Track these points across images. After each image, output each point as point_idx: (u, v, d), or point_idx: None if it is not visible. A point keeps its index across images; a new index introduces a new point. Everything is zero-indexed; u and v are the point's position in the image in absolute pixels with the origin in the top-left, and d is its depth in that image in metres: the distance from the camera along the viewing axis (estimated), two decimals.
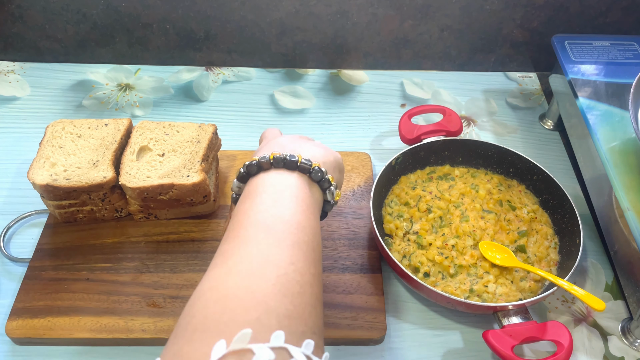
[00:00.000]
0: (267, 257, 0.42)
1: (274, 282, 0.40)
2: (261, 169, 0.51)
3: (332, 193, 0.54)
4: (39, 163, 0.71)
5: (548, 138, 0.91)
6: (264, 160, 0.51)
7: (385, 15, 0.93)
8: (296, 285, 0.41)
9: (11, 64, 0.98)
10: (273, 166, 0.51)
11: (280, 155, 0.51)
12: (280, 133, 0.63)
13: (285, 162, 0.51)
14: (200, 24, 0.94)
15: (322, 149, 0.57)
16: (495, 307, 0.63)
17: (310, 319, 0.40)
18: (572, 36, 0.86)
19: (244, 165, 0.52)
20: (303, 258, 0.43)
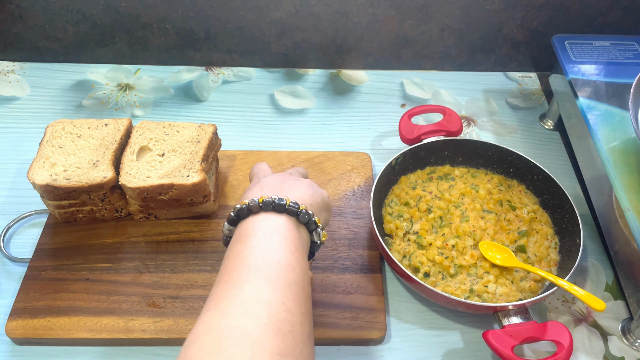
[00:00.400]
0: (259, 298, 0.44)
1: (267, 321, 0.42)
2: (251, 212, 0.52)
3: (319, 234, 0.55)
4: (39, 163, 0.71)
5: (548, 138, 0.91)
6: (254, 204, 0.52)
7: (385, 15, 0.93)
8: (287, 325, 0.43)
9: (11, 64, 0.98)
10: (262, 209, 0.52)
11: (269, 199, 0.52)
12: (269, 169, 0.64)
13: (274, 205, 0.52)
14: (200, 24, 0.94)
15: (310, 189, 0.58)
16: (495, 307, 0.63)
17: (302, 356, 0.42)
18: (572, 36, 0.86)
19: (235, 209, 0.53)
20: (293, 298, 0.45)
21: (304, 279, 0.48)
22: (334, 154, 0.84)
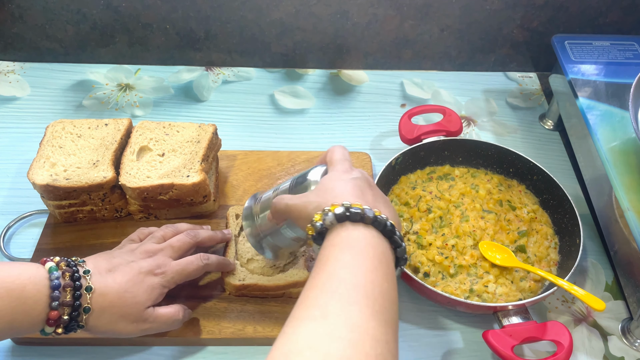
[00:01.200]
0: (367, 330, 0.41)
1: (372, 359, 0.40)
2: (363, 220, 0.49)
3: (405, 257, 0.52)
4: (39, 163, 0.71)
5: (548, 138, 0.91)
6: (370, 215, 0.49)
7: (385, 15, 0.93)
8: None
9: (11, 64, 0.98)
10: (373, 225, 0.49)
11: (382, 219, 0.49)
12: (347, 154, 0.60)
13: (385, 228, 0.49)
14: (200, 24, 0.94)
15: (391, 205, 0.56)
16: (495, 307, 0.63)
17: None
18: (572, 36, 0.86)
19: (346, 208, 0.49)
20: (393, 338, 0.44)
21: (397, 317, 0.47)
22: None
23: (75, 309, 0.52)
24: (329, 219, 0.48)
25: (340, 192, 0.52)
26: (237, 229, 0.71)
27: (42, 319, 0.51)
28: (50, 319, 0.51)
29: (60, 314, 0.51)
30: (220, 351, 0.65)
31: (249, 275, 0.66)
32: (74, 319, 0.52)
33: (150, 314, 0.58)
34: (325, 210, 0.49)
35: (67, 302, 0.51)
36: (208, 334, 0.64)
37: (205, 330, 0.64)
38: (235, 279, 0.65)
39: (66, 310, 0.51)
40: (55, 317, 0.51)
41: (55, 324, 0.51)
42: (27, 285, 0.50)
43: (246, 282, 0.65)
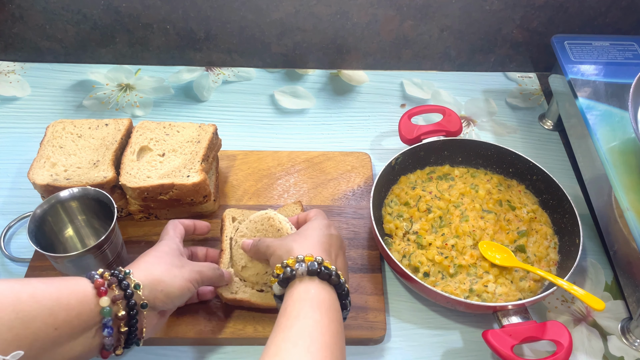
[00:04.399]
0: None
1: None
2: (329, 280, 0.55)
3: (348, 303, 0.58)
4: (39, 163, 0.71)
5: (548, 138, 0.91)
6: (335, 278, 0.55)
7: (385, 16, 0.93)
8: None
9: (11, 64, 0.98)
10: (335, 287, 0.55)
11: (342, 282, 0.56)
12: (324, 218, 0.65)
13: (343, 291, 0.56)
14: (201, 24, 0.94)
15: (341, 245, 0.63)
16: (495, 307, 0.63)
17: None
18: (571, 36, 0.86)
19: (286, 268, 0.55)
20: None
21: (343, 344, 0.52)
22: (334, 154, 0.84)
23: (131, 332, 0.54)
24: (302, 270, 0.54)
25: (314, 242, 0.58)
26: (234, 232, 0.71)
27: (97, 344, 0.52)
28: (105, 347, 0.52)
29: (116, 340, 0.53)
30: (220, 351, 0.65)
31: (242, 288, 0.66)
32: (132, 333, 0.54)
33: (188, 262, 0.60)
34: (299, 259, 0.55)
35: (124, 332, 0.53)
36: (208, 334, 0.64)
37: (205, 330, 0.64)
38: (227, 292, 0.65)
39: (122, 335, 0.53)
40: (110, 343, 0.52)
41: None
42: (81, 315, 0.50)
43: (238, 296, 0.65)
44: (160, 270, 0.56)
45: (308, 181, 0.81)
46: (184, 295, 0.57)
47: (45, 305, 0.47)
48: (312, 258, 0.55)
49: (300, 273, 0.54)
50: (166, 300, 0.55)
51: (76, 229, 0.68)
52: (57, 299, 0.48)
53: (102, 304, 0.50)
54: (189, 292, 0.57)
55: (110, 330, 0.51)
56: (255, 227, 0.66)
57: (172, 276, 0.56)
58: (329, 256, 0.58)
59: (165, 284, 0.55)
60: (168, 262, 0.58)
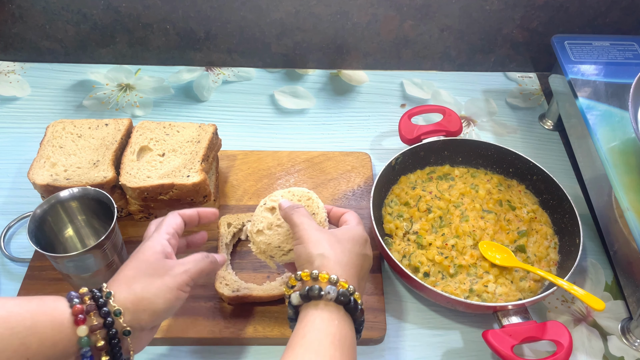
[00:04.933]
0: None
1: None
2: (355, 313, 0.51)
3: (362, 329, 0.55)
4: (39, 163, 0.71)
5: (548, 138, 0.91)
6: (358, 313, 0.52)
7: (385, 16, 0.93)
8: None
9: (11, 64, 0.98)
10: (355, 320, 0.52)
11: (363, 319, 0.53)
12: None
13: (362, 325, 0.53)
14: (201, 24, 0.94)
15: (367, 266, 0.58)
16: (495, 307, 0.63)
17: None
18: (572, 36, 0.86)
19: (346, 294, 0.51)
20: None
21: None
22: (334, 154, 0.84)
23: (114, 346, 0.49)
24: (332, 295, 0.50)
25: (350, 262, 0.54)
26: (229, 237, 0.71)
27: None
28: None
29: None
30: (220, 351, 0.65)
31: (243, 285, 0.66)
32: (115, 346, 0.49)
33: (173, 262, 0.54)
34: (332, 280, 0.51)
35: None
36: (208, 334, 0.64)
37: (205, 330, 0.64)
38: (229, 290, 0.65)
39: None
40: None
41: None
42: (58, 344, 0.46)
43: (240, 293, 0.65)
44: (141, 285, 0.50)
45: (308, 181, 0.81)
46: (174, 306, 0.52)
47: (18, 334, 0.43)
48: (346, 285, 0.51)
49: (329, 298, 0.50)
50: (153, 319, 0.50)
51: (76, 229, 0.68)
52: (31, 326, 0.44)
53: (80, 334, 0.46)
54: (178, 300, 0.52)
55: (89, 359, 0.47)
56: (291, 198, 0.63)
57: (155, 290, 0.50)
58: (359, 284, 0.54)
59: (148, 301, 0.50)
60: (149, 272, 0.51)
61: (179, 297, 0.52)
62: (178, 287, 0.52)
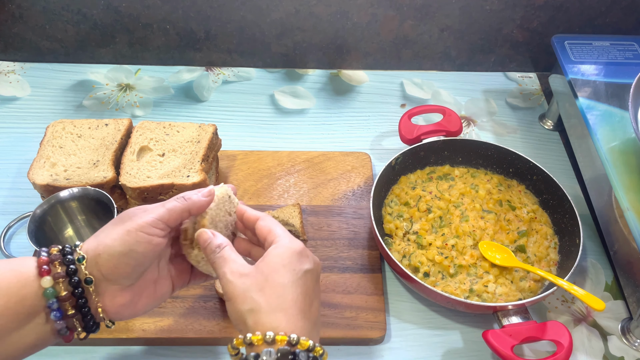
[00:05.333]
0: None
1: None
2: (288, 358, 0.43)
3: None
4: (39, 163, 0.71)
5: (548, 138, 0.91)
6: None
7: (385, 15, 0.93)
8: None
9: (11, 64, 0.98)
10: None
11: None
12: None
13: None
14: (201, 24, 0.94)
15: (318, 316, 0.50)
16: (495, 307, 0.63)
17: None
18: (572, 36, 0.86)
19: (290, 351, 0.43)
20: None
21: None
22: (334, 154, 0.84)
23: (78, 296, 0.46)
24: (270, 358, 0.42)
25: (287, 300, 0.45)
26: None
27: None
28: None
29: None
30: (220, 351, 0.65)
31: None
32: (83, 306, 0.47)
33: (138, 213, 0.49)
34: (268, 339, 0.43)
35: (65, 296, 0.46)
36: (208, 334, 0.64)
37: (205, 330, 0.64)
38: None
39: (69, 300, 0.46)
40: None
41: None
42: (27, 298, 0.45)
43: None
44: (105, 233, 0.47)
45: (308, 181, 0.81)
46: (133, 249, 0.46)
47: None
48: (285, 338, 0.43)
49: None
50: (112, 264, 0.46)
51: (76, 229, 0.68)
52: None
53: (44, 285, 0.45)
54: (139, 244, 0.46)
55: (58, 314, 0.45)
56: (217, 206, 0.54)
57: (114, 234, 0.47)
58: (306, 322, 0.46)
59: (104, 245, 0.46)
60: (115, 221, 0.48)
61: (139, 239, 0.47)
62: (138, 228, 0.47)
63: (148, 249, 0.47)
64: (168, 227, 0.49)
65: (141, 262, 0.48)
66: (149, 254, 0.48)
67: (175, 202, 0.50)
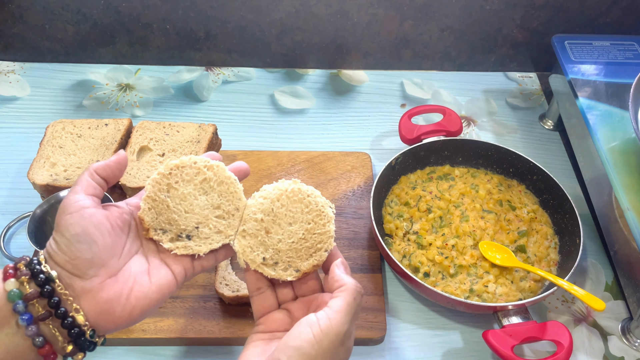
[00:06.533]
0: None
1: None
2: None
3: None
4: (39, 163, 0.71)
5: (548, 138, 0.91)
6: None
7: (385, 15, 0.93)
8: None
9: (11, 64, 0.98)
10: None
11: None
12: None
13: None
14: (200, 24, 0.94)
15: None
16: (495, 307, 0.63)
17: None
18: (572, 36, 0.86)
19: None
20: None
21: None
22: (334, 154, 0.84)
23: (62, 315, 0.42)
24: None
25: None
26: None
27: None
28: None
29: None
30: (220, 351, 0.65)
31: (243, 285, 0.66)
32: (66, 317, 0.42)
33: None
34: None
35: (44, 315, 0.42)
36: (208, 334, 0.64)
37: (205, 330, 0.64)
38: (229, 291, 0.65)
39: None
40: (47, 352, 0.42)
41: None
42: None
43: (240, 293, 0.65)
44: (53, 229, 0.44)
45: (308, 181, 0.81)
46: (71, 231, 0.43)
47: None
48: None
49: None
50: (68, 255, 0.43)
51: None
52: None
53: (8, 288, 0.41)
54: (74, 224, 0.43)
55: (27, 317, 0.41)
56: (271, 207, 0.50)
57: (55, 226, 0.44)
58: None
59: (52, 239, 0.44)
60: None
61: (73, 220, 0.43)
62: (65, 209, 0.44)
63: (85, 223, 0.43)
64: (93, 197, 0.46)
65: (89, 240, 0.43)
66: (91, 228, 0.43)
67: (109, 159, 0.48)
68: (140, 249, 0.48)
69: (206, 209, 0.49)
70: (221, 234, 0.50)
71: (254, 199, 0.51)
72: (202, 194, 0.50)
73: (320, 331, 0.43)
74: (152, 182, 0.48)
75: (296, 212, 0.50)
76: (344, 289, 0.46)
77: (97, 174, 0.47)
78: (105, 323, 0.44)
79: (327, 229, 0.50)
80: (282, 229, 0.50)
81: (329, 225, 0.50)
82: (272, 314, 0.50)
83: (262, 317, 0.50)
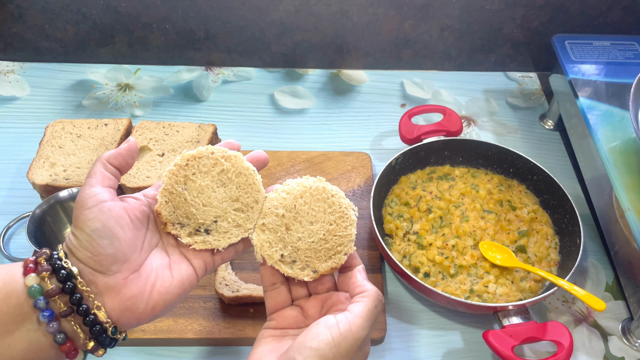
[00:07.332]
0: None
1: None
2: None
3: None
4: (38, 163, 0.71)
5: (548, 138, 0.91)
6: None
7: (385, 15, 0.93)
8: None
9: (11, 64, 0.98)
10: None
11: None
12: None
13: None
14: (200, 24, 0.94)
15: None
16: (495, 307, 0.63)
17: None
18: (572, 36, 0.86)
19: None
20: None
21: None
22: (334, 154, 0.84)
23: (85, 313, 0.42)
24: None
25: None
26: None
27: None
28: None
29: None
30: (220, 351, 0.65)
31: (243, 285, 0.66)
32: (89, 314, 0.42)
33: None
34: None
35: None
36: (208, 334, 0.64)
37: (205, 330, 0.64)
38: (229, 291, 0.65)
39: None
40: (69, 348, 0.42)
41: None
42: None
43: (240, 293, 0.65)
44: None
45: None
46: (91, 226, 0.42)
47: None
48: None
49: None
50: (90, 251, 0.42)
51: None
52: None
53: (29, 283, 0.41)
54: (93, 219, 0.42)
55: (47, 313, 0.41)
56: (294, 203, 0.49)
57: (74, 221, 0.43)
58: None
59: (73, 234, 0.43)
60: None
61: (92, 215, 0.42)
62: (82, 204, 0.43)
63: (105, 218, 0.43)
64: (109, 189, 0.45)
65: (110, 235, 0.42)
66: (111, 222, 0.43)
67: (99, 160, 0.47)
68: (159, 242, 0.48)
69: (224, 202, 0.48)
70: (240, 227, 0.49)
71: (275, 193, 0.50)
72: (220, 185, 0.48)
73: (340, 334, 0.43)
74: (169, 174, 0.47)
75: (319, 211, 0.49)
76: (365, 295, 0.46)
77: (109, 163, 0.46)
78: (128, 319, 0.44)
79: (349, 232, 0.49)
80: (303, 227, 0.49)
81: (350, 228, 0.49)
82: (285, 310, 0.50)
83: (274, 312, 0.50)
